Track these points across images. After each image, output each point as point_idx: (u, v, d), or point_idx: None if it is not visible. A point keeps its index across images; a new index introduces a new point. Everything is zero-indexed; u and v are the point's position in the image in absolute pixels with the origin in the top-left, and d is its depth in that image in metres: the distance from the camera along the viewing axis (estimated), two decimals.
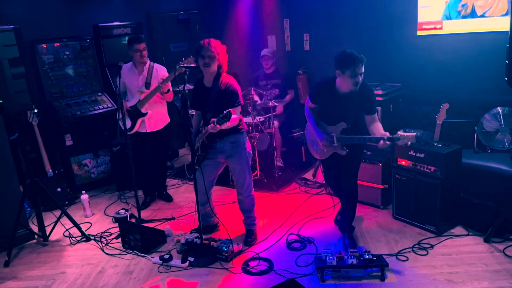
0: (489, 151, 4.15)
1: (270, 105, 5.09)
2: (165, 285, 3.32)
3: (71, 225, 4.18)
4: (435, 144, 3.75)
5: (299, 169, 5.47)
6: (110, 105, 5.45)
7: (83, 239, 4.13)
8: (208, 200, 3.78)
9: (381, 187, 4.24)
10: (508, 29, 3.29)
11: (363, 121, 3.44)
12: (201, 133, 3.59)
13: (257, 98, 5.42)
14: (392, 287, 3.08)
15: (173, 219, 4.44)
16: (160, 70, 4.54)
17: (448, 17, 4.64)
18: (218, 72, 3.56)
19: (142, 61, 4.45)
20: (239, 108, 3.58)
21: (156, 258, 3.66)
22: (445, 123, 3.90)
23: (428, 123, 4.61)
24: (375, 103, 3.48)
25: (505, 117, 4.15)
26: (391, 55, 5.10)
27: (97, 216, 4.68)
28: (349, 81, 3.23)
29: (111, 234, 4.19)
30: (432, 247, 3.54)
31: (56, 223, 4.22)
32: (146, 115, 4.46)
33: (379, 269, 3.17)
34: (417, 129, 4.62)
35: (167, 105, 4.77)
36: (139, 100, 4.43)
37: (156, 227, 4.14)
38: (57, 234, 4.25)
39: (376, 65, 5.02)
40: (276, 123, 5.38)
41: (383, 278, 3.14)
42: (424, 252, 3.48)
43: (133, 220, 4.38)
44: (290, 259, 3.52)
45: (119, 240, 4.00)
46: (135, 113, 4.45)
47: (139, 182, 4.53)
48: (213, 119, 3.30)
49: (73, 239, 4.14)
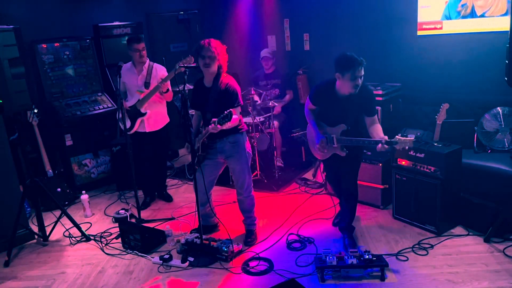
0: (489, 151, 4.15)
1: (270, 105, 5.09)
2: (165, 285, 3.32)
3: (71, 225, 4.18)
4: (435, 144, 3.76)
5: (299, 169, 5.47)
6: (110, 105, 5.45)
7: (83, 239, 4.13)
8: (208, 200, 3.78)
9: (381, 187, 4.24)
10: (508, 29, 3.29)
11: (363, 123, 3.46)
12: (201, 133, 3.59)
13: (257, 98, 5.41)
14: (392, 287, 3.08)
15: (173, 219, 4.44)
16: (159, 69, 4.54)
17: (448, 17, 4.64)
18: (218, 72, 3.56)
19: (141, 60, 4.45)
20: (239, 108, 3.58)
21: (156, 258, 3.66)
22: (445, 123, 3.90)
23: (428, 123, 4.61)
24: (375, 105, 3.50)
25: (505, 117, 4.15)
26: (391, 55, 5.10)
27: (97, 216, 4.68)
28: (349, 84, 3.24)
29: (111, 234, 4.19)
30: (432, 247, 3.54)
31: (56, 223, 4.22)
32: (145, 115, 4.46)
33: (379, 269, 3.17)
34: (417, 129, 4.63)
35: (167, 105, 4.77)
36: (138, 99, 4.43)
37: (156, 227, 4.14)
38: (57, 234, 4.25)
39: (376, 65, 5.02)
40: (276, 123, 5.38)
41: (383, 278, 3.15)
42: (424, 252, 3.48)
43: (133, 220, 4.38)
44: (290, 259, 3.52)
45: (119, 240, 4.00)
46: (135, 113, 4.46)
47: (139, 182, 4.53)
48: (214, 119, 3.31)
49: (73, 239, 4.14)
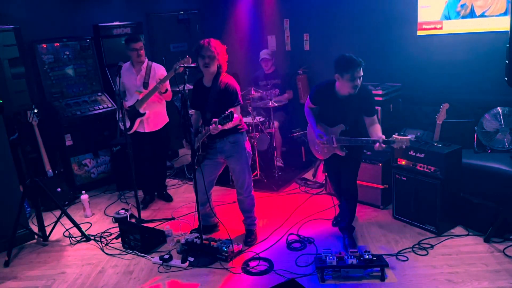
0: (489, 151, 4.15)
1: (270, 105, 5.09)
2: (165, 285, 3.32)
3: (71, 225, 4.18)
4: (435, 144, 3.76)
5: (299, 169, 5.46)
6: (110, 105, 5.45)
7: (83, 239, 4.13)
8: (208, 200, 3.78)
9: (381, 187, 4.24)
10: (508, 29, 3.29)
11: (363, 123, 3.48)
12: (201, 133, 3.59)
13: (257, 98, 5.41)
14: (392, 287, 3.08)
15: (173, 219, 4.44)
16: (158, 69, 4.52)
17: (447, 17, 4.64)
18: (217, 72, 3.55)
19: (139, 60, 4.44)
20: (239, 107, 3.58)
21: (156, 258, 3.66)
22: (445, 123, 3.91)
23: (428, 123, 4.61)
24: (374, 105, 3.52)
25: (505, 117, 4.15)
26: (391, 55, 5.10)
27: (97, 216, 4.68)
28: (348, 85, 3.28)
29: (111, 234, 4.19)
30: (432, 247, 3.54)
31: (56, 223, 4.22)
32: (144, 115, 4.45)
33: (379, 269, 3.17)
34: (417, 129, 4.62)
35: (167, 104, 4.77)
36: (137, 100, 4.43)
37: (156, 227, 4.14)
38: (57, 234, 4.25)
39: (376, 65, 5.02)
40: (276, 123, 5.38)
41: (383, 278, 3.15)
42: (424, 252, 3.48)
43: (133, 220, 4.38)
44: (290, 259, 3.52)
45: (119, 240, 4.00)
46: (134, 113, 4.45)
47: (139, 182, 4.53)
48: (215, 120, 3.30)
49: (73, 239, 4.14)
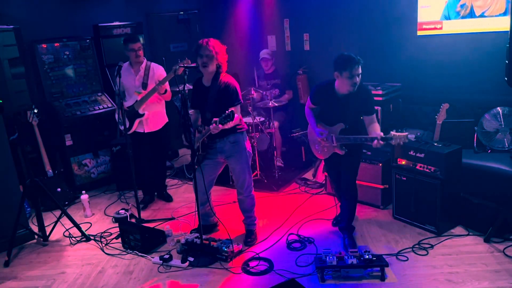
0: (489, 151, 4.15)
1: (270, 105, 5.09)
2: (165, 285, 3.32)
3: (71, 225, 4.18)
4: (435, 144, 3.76)
5: (299, 169, 5.46)
6: (110, 105, 5.45)
7: (83, 239, 4.13)
8: (208, 199, 3.78)
9: (381, 187, 4.24)
10: (507, 29, 3.29)
11: (362, 122, 3.50)
12: (201, 133, 3.58)
13: (257, 98, 5.41)
14: (392, 287, 3.08)
15: (173, 219, 4.44)
16: (157, 69, 4.50)
17: (447, 17, 4.64)
18: (217, 71, 3.55)
19: (137, 60, 4.43)
20: (239, 107, 3.57)
21: (156, 258, 3.66)
22: (445, 123, 3.91)
23: (428, 123, 4.61)
24: (373, 104, 3.53)
25: (505, 117, 4.15)
26: (391, 55, 5.10)
27: (97, 216, 4.68)
28: (347, 82, 3.31)
29: (111, 234, 4.19)
30: (432, 247, 3.54)
31: (56, 223, 4.22)
32: (143, 115, 4.43)
33: (379, 269, 3.17)
34: (417, 129, 4.62)
35: (167, 104, 4.76)
36: (136, 101, 4.42)
37: (156, 227, 4.14)
38: (57, 234, 4.25)
39: (376, 65, 5.02)
40: (276, 123, 5.38)
41: (383, 278, 3.15)
42: (424, 252, 3.48)
43: (133, 220, 4.38)
44: (290, 259, 3.52)
45: (119, 240, 4.00)
46: (133, 113, 4.44)
47: (138, 182, 4.52)
48: (215, 119, 3.30)
49: (73, 239, 4.14)
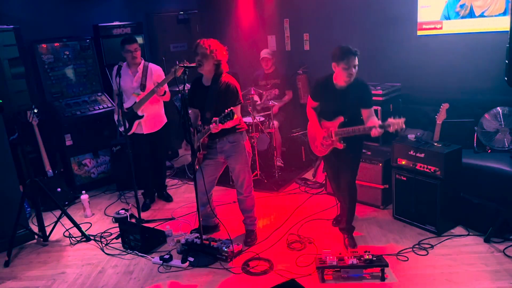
0: (489, 151, 4.15)
1: (270, 105, 5.09)
2: (165, 285, 3.32)
3: (71, 225, 4.18)
4: (435, 144, 3.76)
5: (299, 169, 5.46)
6: (110, 105, 5.44)
7: (83, 239, 4.13)
8: (208, 200, 3.77)
9: (381, 187, 4.24)
10: (507, 29, 3.30)
11: (361, 116, 3.48)
12: (201, 133, 3.58)
13: (257, 98, 5.41)
14: (392, 287, 3.08)
15: (173, 219, 4.44)
16: (155, 70, 4.47)
17: (447, 17, 4.64)
18: (217, 71, 3.54)
19: (134, 62, 4.39)
20: (239, 107, 3.57)
21: (156, 258, 3.66)
22: (445, 123, 3.91)
23: (428, 123, 4.61)
24: (371, 97, 3.53)
25: (505, 117, 4.15)
26: (391, 55, 5.09)
27: (97, 216, 4.68)
28: (343, 73, 3.36)
29: (111, 234, 4.19)
30: (432, 247, 3.54)
31: (56, 223, 4.22)
32: (142, 117, 4.41)
33: (379, 269, 3.17)
34: (417, 129, 4.62)
35: (167, 104, 4.75)
36: (135, 102, 4.39)
37: (156, 227, 4.14)
38: (57, 234, 4.25)
39: (376, 65, 5.03)
40: (276, 123, 5.38)
41: (383, 278, 3.15)
42: (424, 252, 3.48)
43: (133, 220, 4.38)
44: (290, 259, 3.52)
45: (119, 240, 4.00)
46: (132, 115, 4.41)
47: (138, 182, 4.51)
48: (215, 118, 3.30)
49: (73, 239, 4.14)
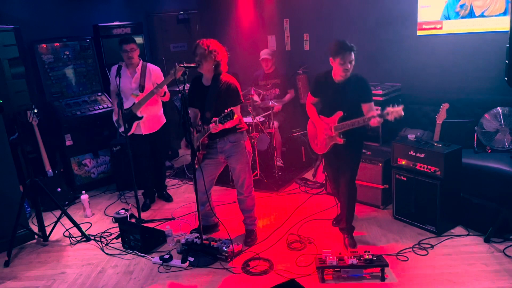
0: (489, 151, 4.15)
1: (270, 105, 5.09)
2: (165, 285, 3.32)
3: (71, 225, 4.18)
4: (435, 144, 3.76)
5: (299, 169, 5.46)
6: (110, 105, 5.44)
7: (83, 239, 4.13)
8: (208, 199, 3.78)
9: (381, 187, 4.24)
10: (507, 29, 3.30)
11: (361, 112, 3.47)
12: (201, 133, 3.58)
13: (257, 98, 5.41)
14: (392, 287, 3.08)
15: (173, 219, 4.44)
16: (153, 70, 4.46)
17: (447, 17, 4.64)
18: (217, 71, 3.54)
19: (130, 62, 4.36)
20: (239, 107, 3.57)
21: (156, 258, 3.66)
22: (445, 123, 3.91)
23: (428, 123, 4.61)
24: (370, 92, 3.54)
25: (505, 117, 4.15)
26: (391, 55, 5.10)
27: (97, 216, 4.68)
28: (339, 68, 3.39)
29: (111, 234, 4.19)
30: (432, 247, 3.54)
31: (56, 223, 4.22)
32: (142, 118, 4.40)
33: (379, 269, 3.17)
34: (417, 129, 4.62)
35: (167, 104, 4.75)
36: (134, 103, 4.37)
37: (156, 227, 4.14)
38: (57, 234, 4.25)
39: (376, 65, 5.03)
40: (276, 123, 5.38)
41: (383, 278, 3.15)
42: (424, 252, 3.48)
43: (133, 220, 4.38)
44: (290, 259, 3.52)
45: (119, 240, 4.00)
46: (131, 116, 4.39)
47: (138, 182, 4.51)
48: (215, 118, 3.30)
49: (73, 239, 4.14)
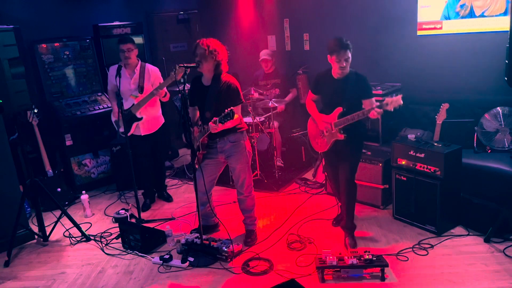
0: (489, 151, 4.15)
1: (270, 105, 5.09)
2: (165, 285, 3.32)
3: (71, 225, 4.18)
4: (435, 144, 3.76)
5: (299, 169, 5.46)
6: (110, 105, 5.42)
7: (83, 239, 4.13)
8: (208, 200, 3.78)
9: (381, 187, 4.24)
10: (507, 29, 3.30)
11: (361, 107, 3.48)
12: (201, 132, 3.58)
13: (257, 98, 5.41)
14: (392, 287, 3.08)
15: (173, 219, 4.44)
16: (152, 71, 4.44)
17: (447, 17, 4.64)
18: (217, 71, 3.54)
19: (126, 62, 4.33)
20: (240, 107, 3.57)
21: (156, 258, 3.66)
22: (445, 123, 3.91)
23: (428, 123, 4.61)
24: (370, 87, 3.55)
25: (505, 117, 4.15)
26: (391, 55, 5.09)
27: (97, 216, 4.68)
28: (335, 66, 3.44)
29: (111, 234, 4.19)
30: (432, 247, 3.54)
31: (56, 223, 4.22)
32: (141, 119, 4.39)
33: (379, 269, 3.17)
34: (417, 129, 4.63)
35: (167, 104, 4.75)
36: (133, 104, 4.37)
37: (156, 227, 4.14)
38: (57, 234, 4.25)
39: (376, 65, 5.02)
40: (276, 123, 5.38)
41: (383, 278, 3.15)
42: (424, 252, 3.48)
43: (133, 220, 4.38)
44: (290, 259, 3.52)
45: (119, 240, 4.00)
46: (130, 117, 4.38)
47: (138, 183, 4.51)
48: (215, 118, 3.30)
49: (73, 239, 4.14)
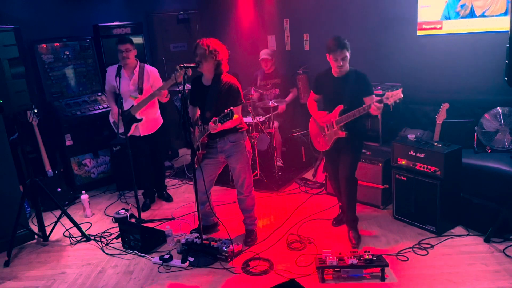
0: (489, 151, 4.15)
1: (270, 105, 5.08)
2: (165, 285, 3.32)
3: (71, 225, 4.18)
4: (435, 144, 3.76)
5: (299, 169, 5.46)
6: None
7: (83, 239, 4.13)
8: (208, 199, 3.78)
9: (381, 187, 4.24)
10: (507, 29, 3.29)
11: (361, 105, 3.47)
12: (201, 132, 3.58)
13: (257, 98, 5.41)
14: (392, 287, 3.08)
15: (173, 219, 4.44)
16: (151, 72, 4.43)
17: (447, 17, 4.64)
18: (218, 71, 3.54)
19: (124, 62, 4.32)
20: (240, 107, 3.57)
21: (156, 258, 3.66)
22: (445, 123, 3.91)
23: (428, 123, 4.61)
24: (370, 85, 3.56)
25: (505, 117, 4.15)
26: (391, 55, 5.10)
27: (97, 216, 4.68)
28: (333, 64, 3.47)
29: (111, 234, 4.19)
30: (432, 247, 3.54)
31: (56, 223, 4.22)
32: (141, 120, 4.39)
33: (379, 269, 3.17)
34: (417, 129, 4.63)
35: (167, 104, 4.74)
36: (133, 105, 4.36)
37: (156, 227, 4.14)
38: (57, 234, 4.25)
39: (376, 65, 5.03)
40: (276, 123, 5.38)
41: (383, 278, 3.15)
42: (424, 252, 3.48)
43: (133, 220, 4.38)
44: (290, 259, 3.52)
45: (119, 240, 4.00)
46: (129, 118, 4.37)
47: (138, 182, 4.51)
48: (215, 118, 3.30)
49: (73, 239, 4.14)
